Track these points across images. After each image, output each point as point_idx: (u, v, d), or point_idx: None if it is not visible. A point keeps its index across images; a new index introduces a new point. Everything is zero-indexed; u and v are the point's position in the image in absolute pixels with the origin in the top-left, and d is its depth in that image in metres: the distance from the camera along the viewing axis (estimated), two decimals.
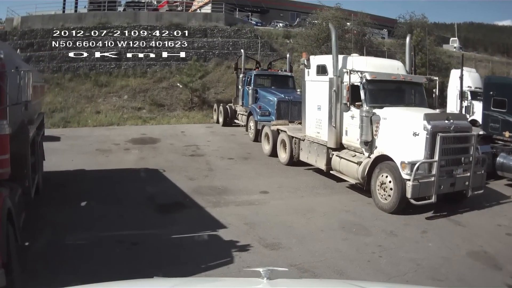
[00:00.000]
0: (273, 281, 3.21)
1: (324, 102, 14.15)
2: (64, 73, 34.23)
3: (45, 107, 28.42)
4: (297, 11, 60.13)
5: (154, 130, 26.16)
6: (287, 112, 21.28)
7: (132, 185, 13.35)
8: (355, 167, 12.66)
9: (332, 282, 4.96)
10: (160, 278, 4.35)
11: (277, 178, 14.73)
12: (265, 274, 3.21)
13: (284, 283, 3.48)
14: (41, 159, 13.30)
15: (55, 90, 32.19)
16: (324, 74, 14.35)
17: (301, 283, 4.66)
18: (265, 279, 3.18)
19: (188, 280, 4.48)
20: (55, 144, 20.28)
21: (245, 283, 3.59)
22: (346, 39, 36.57)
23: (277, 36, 43.68)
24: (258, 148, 19.50)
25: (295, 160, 16.21)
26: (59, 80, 33.55)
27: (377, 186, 11.69)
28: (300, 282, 4.81)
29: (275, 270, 3.33)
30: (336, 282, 4.87)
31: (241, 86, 25.71)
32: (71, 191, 12.60)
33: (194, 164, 16.69)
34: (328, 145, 13.94)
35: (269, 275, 3.21)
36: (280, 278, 3.39)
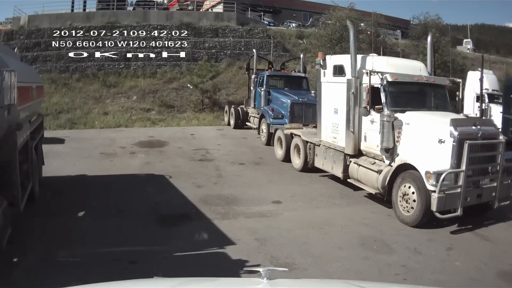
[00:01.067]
0: (273, 281, 3.21)
1: (341, 105, 13.24)
2: (71, 73, 33.63)
3: (51, 108, 28.37)
4: (310, 11, 59.47)
5: (162, 132, 25.36)
6: (301, 115, 20.41)
7: (135, 193, 12.51)
8: (374, 175, 11.72)
9: (332, 282, 4.87)
10: (160, 278, 4.36)
11: (290, 186, 13.80)
12: (265, 274, 3.22)
13: (284, 283, 3.49)
14: (39, 164, 12.72)
15: (62, 91, 31.67)
16: (341, 75, 13.41)
17: (301, 283, 4.56)
18: (265, 279, 3.18)
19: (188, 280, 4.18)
20: (58, 147, 19.71)
21: (245, 283, 3.72)
22: (360, 40, 35.53)
23: (290, 36, 42.98)
24: (270, 153, 18.60)
25: (309, 166, 15.28)
26: (66, 80, 32.96)
27: (399, 197, 10.74)
28: (300, 282, 4.69)
29: (275, 270, 3.35)
30: (336, 282, 4.77)
31: (253, 87, 24.78)
32: (70, 199, 11.81)
33: (203, 169, 15.82)
34: (345, 151, 13.02)
35: (269, 275, 3.22)
36: (280, 278, 3.39)
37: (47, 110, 28.33)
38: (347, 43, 34.16)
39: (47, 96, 29.42)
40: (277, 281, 3.28)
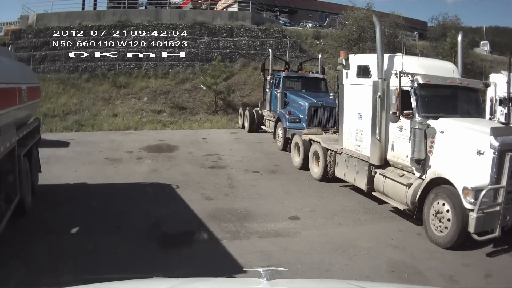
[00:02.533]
0: (273, 281, 3.20)
1: (366, 109, 11.98)
2: (81, 73, 32.61)
3: (59, 109, 27.66)
4: (326, 11, 58.57)
5: (173, 135, 24.24)
6: (319, 119, 19.26)
7: (137, 206, 11.30)
8: (403, 189, 10.47)
9: (332, 282, 4.81)
10: (160, 278, 4.33)
11: (309, 199, 12.56)
12: (265, 274, 3.22)
13: (284, 283, 3.50)
14: (34, 173, 11.83)
15: (70, 91, 30.64)
16: (366, 76, 12.15)
17: (301, 283, 4.48)
18: (265, 279, 3.17)
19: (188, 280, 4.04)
20: (61, 151, 18.81)
21: (245, 283, 3.66)
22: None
23: (306, 37, 41.88)
24: (287, 159, 17.40)
25: (329, 176, 14.04)
26: (75, 80, 31.93)
27: (431, 215, 9.46)
28: (300, 282, 4.58)
29: (275, 270, 3.34)
30: (336, 282, 4.68)
31: (269, 89, 23.55)
32: (64, 212, 10.75)
33: (214, 178, 14.59)
34: (370, 161, 11.75)
35: (269, 275, 3.21)
36: (280, 278, 3.33)
37: (54, 111, 27.64)
38: (365, 44, 33.51)
39: (55, 97, 29.00)
40: (277, 281, 3.26)
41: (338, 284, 4.05)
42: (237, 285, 3.77)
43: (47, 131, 24.57)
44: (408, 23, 43.33)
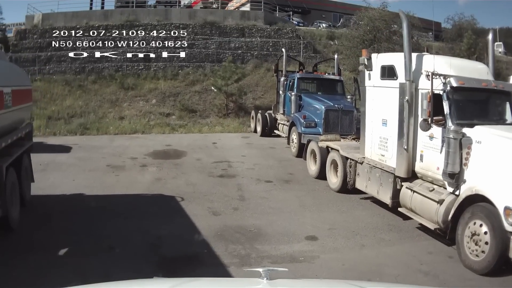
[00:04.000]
0: (273, 281, 3.20)
1: (391, 115, 10.77)
2: (87, 75, 31.75)
3: (63, 111, 26.91)
4: (340, 12, 57.74)
5: (182, 140, 23.09)
6: (336, 124, 18.19)
7: (135, 223, 10.15)
8: (433, 206, 9.28)
9: (332, 282, 4.58)
10: (160, 278, 4.33)
11: (327, 214, 11.36)
12: (265, 274, 3.21)
13: (284, 283, 3.46)
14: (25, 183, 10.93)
15: (76, 93, 29.78)
16: (391, 78, 10.94)
17: (301, 283, 4.48)
18: (265, 279, 3.17)
19: (188, 280, 3.99)
20: (62, 157, 17.86)
21: (245, 283, 3.60)
22: (394, 41, 33.37)
23: (320, 37, 40.82)
24: (302, 167, 16.18)
25: (349, 187, 12.81)
26: (81, 82, 31.05)
27: (466, 237, 8.26)
28: (300, 282, 4.58)
29: (275, 270, 3.36)
30: (336, 282, 4.43)
31: (282, 91, 22.32)
32: (55, 228, 9.73)
33: (222, 189, 13.41)
34: (396, 173, 10.50)
35: (269, 275, 3.21)
36: (280, 278, 3.34)
37: (59, 114, 26.77)
38: (380, 44, 32.41)
39: (60, 99, 28.11)
40: (277, 281, 3.26)
41: (338, 284, 3.99)
42: (237, 285, 3.76)
43: (50, 134, 24.02)
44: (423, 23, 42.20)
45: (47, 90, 29.17)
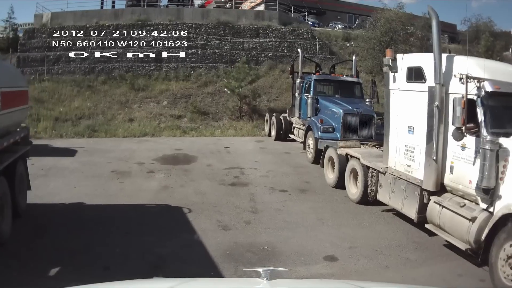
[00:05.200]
0: (273, 281, 3.19)
1: (419, 122, 9.74)
2: (97, 75, 30.90)
3: (71, 113, 26.23)
4: (355, 13, 56.92)
5: (193, 144, 22.13)
6: (355, 129, 17.22)
7: (136, 238, 9.21)
8: (465, 224, 8.23)
9: (332, 282, 4.73)
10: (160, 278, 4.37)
11: (346, 229, 10.36)
12: (265, 274, 3.21)
13: (284, 283, 3.49)
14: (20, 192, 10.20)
15: (85, 94, 28.92)
16: (419, 81, 9.88)
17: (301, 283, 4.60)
18: (265, 279, 3.17)
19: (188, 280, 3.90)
20: (66, 161, 17.04)
21: (245, 283, 3.72)
22: (411, 43, 32.39)
23: (336, 38, 39.77)
24: (318, 174, 15.17)
25: (370, 199, 11.76)
26: (91, 82, 30.21)
27: (501, 260, 7.34)
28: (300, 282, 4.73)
29: (275, 270, 3.34)
30: (336, 282, 4.56)
31: (298, 93, 21.20)
32: (49, 243, 8.85)
33: (234, 199, 12.41)
34: (423, 185, 9.45)
35: (269, 275, 3.20)
36: (280, 278, 3.33)
37: (66, 116, 25.97)
38: (397, 46, 31.47)
39: (68, 100, 27.41)
40: (277, 281, 3.23)
41: (338, 284, 4.00)
42: (237, 285, 3.78)
43: (56, 136, 23.36)
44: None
45: (55, 91, 28.43)
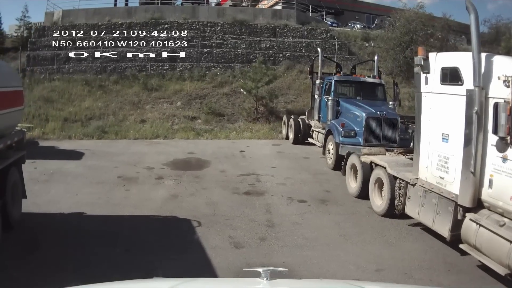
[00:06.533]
0: (273, 281, 3.19)
1: (454, 129, 8.66)
2: (109, 74, 30.22)
3: (81, 113, 25.51)
4: (373, 13, 55.91)
5: (206, 147, 21.17)
6: (378, 133, 16.22)
7: (137, 257, 8.22)
8: (505, 246, 7.28)
9: (332, 282, 4.74)
10: (160, 278, 4.27)
11: (372, 247, 9.30)
12: (265, 274, 3.21)
13: (284, 283, 3.44)
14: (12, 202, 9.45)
15: (96, 94, 28.21)
16: (455, 83, 8.78)
17: (301, 283, 4.42)
18: (265, 279, 3.17)
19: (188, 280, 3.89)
20: (71, 164, 16.20)
21: (245, 283, 3.62)
22: (431, 44, 31.46)
23: (355, 38, 38.82)
24: (339, 182, 14.11)
25: (396, 212, 10.65)
26: (102, 82, 29.51)
27: None
28: (300, 282, 4.48)
29: (275, 270, 3.33)
30: (336, 282, 4.56)
31: (318, 95, 19.93)
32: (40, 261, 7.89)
33: (248, 211, 11.33)
34: (459, 201, 8.35)
35: (269, 275, 3.20)
36: (280, 278, 3.32)
37: (76, 116, 25.21)
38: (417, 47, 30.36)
39: (78, 99, 26.80)
40: (277, 281, 3.23)
41: (338, 284, 3.99)
42: (237, 285, 3.72)
43: (65, 138, 22.59)
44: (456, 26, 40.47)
45: (65, 90, 27.75)
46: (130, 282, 4.02)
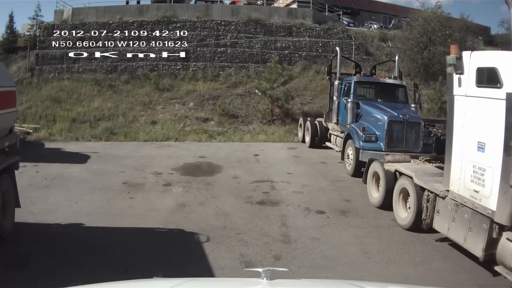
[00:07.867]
0: (273, 281, 3.19)
1: (492, 137, 7.68)
2: (119, 74, 29.53)
3: (90, 114, 24.85)
4: (390, 14, 55.30)
5: (219, 150, 20.28)
6: (401, 138, 15.29)
7: (138, 277, 7.19)
8: None
9: (332, 282, 4.60)
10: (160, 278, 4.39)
11: (398, 267, 8.35)
12: (265, 274, 3.21)
13: (284, 283, 3.47)
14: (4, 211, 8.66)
15: (106, 94, 27.51)
16: (493, 86, 7.74)
17: (301, 283, 4.52)
18: (265, 279, 3.17)
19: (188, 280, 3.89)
20: (74, 168, 15.42)
21: (245, 283, 3.62)
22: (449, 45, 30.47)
23: (372, 39, 37.89)
24: (360, 190, 13.21)
25: (423, 227, 9.67)
26: (112, 81, 28.82)
27: None
28: (300, 282, 4.64)
29: (275, 270, 3.33)
30: (336, 282, 4.42)
31: (336, 96, 18.88)
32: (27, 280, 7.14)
33: (262, 223, 10.36)
34: (495, 218, 7.37)
35: (269, 275, 3.20)
36: (280, 278, 3.33)
37: (84, 117, 24.53)
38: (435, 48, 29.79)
39: (87, 100, 26.26)
40: (277, 281, 3.23)
41: (338, 284, 3.94)
42: (237, 285, 3.70)
43: (72, 139, 21.92)
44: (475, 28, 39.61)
45: (74, 90, 27.10)
46: (130, 282, 4.03)
